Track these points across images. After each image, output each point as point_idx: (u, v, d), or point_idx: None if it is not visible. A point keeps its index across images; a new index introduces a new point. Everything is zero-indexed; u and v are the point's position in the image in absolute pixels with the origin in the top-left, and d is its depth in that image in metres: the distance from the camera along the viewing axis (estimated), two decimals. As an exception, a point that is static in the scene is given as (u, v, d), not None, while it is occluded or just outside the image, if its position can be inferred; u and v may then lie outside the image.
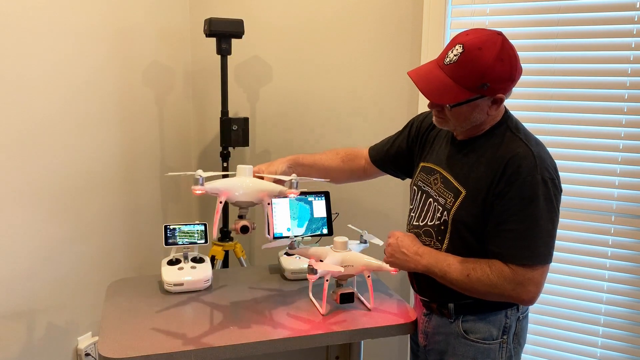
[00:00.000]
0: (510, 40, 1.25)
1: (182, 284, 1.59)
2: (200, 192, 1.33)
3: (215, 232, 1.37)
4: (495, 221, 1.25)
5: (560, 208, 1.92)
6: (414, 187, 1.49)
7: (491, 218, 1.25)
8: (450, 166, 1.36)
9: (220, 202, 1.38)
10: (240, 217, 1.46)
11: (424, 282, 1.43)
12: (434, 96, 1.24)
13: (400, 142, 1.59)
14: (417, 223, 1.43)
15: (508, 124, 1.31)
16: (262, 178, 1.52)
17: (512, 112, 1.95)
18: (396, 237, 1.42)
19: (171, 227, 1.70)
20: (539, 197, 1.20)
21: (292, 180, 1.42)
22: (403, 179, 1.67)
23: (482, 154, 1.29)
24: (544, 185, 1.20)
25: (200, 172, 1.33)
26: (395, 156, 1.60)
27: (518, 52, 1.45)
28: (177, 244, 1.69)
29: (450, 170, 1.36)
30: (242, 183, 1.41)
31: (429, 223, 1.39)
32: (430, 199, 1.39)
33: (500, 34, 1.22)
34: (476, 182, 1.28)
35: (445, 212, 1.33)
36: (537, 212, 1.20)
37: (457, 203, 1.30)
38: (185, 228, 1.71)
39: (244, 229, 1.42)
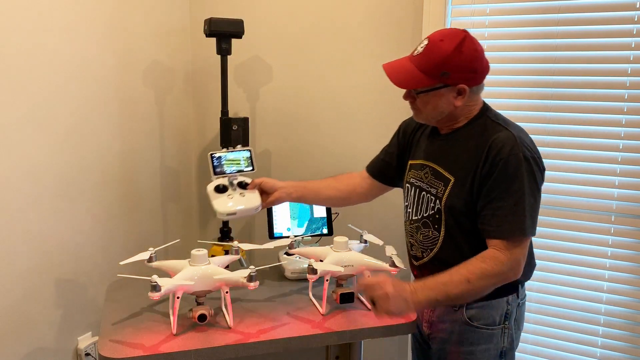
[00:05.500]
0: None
1: (234, 214, 1.54)
2: (157, 297, 1.29)
3: (174, 328, 1.36)
4: (484, 201, 1.31)
5: (561, 208, 1.94)
6: (407, 184, 1.53)
7: (480, 199, 1.32)
8: (437, 158, 1.43)
9: (178, 298, 1.35)
10: (199, 304, 1.42)
11: (432, 275, 1.43)
12: (399, 82, 1.35)
13: (392, 149, 1.63)
14: (415, 217, 1.48)
15: (487, 114, 1.39)
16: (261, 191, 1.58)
17: (512, 112, 1.97)
18: (392, 286, 1.30)
19: (217, 155, 1.62)
20: (523, 173, 1.27)
21: (251, 274, 1.36)
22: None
23: (466, 142, 1.36)
24: (526, 162, 1.28)
25: (155, 277, 1.29)
26: (390, 163, 1.62)
27: (518, 52, 1.47)
28: (225, 173, 1.61)
29: (439, 162, 1.42)
30: (197, 274, 1.37)
31: (424, 214, 1.44)
32: (423, 192, 1.45)
33: (465, 31, 1.33)
34: (463, 168, 1.35)
35: (438, 201, 1.39)
36: (522, 188, 1.27)
37: (447, 190, 1.37)
38: (230, 155, 1.63)
39: (202, 317, 1.38)
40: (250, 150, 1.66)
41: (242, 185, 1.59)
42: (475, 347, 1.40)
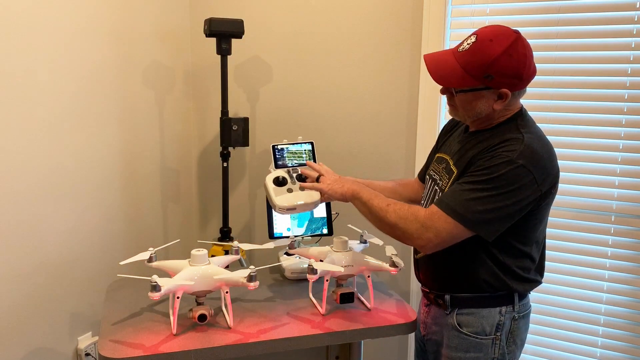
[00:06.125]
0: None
1: (295, 208, 1.52)
2: (157, 297, 1.28)
3: (174, 328, 1.36)
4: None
5: (561, 208, 1.93)
6: (427, 176, 1.54)
7: None
8: (454, 153, 1.41)
9: (178, 298, 1.34)
10: (199, 304, 1.41)
11: (425, 272, 1.46)
12: (439, 78, 1.30)
13: (434, 149, 1.62)
14: None
15: (517, 120, 1.32)
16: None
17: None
18: (331, 170, 1.53)
19: (279, 147, 1.61)
20: (501, 174, 1.21)
21: (251, 274, 1.35)
22: None
23: (482, 142, 1.32)
24: (514, 168, 1.20)
25: (155, 277, 1.28)
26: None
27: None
28: (286, 166, 1.60)
29: (453, 156, 1.40)
30: (197, 274, 1.36)
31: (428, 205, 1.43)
32: (436, 186, 1.44)
33: (516, 32, 1.25)
34: (466, 163, 1.31)
35: (440, 193, 1.38)
36: (489, 185, 1.22)
37: (449, 183, 1.35)
38: (293, 148, 1.62)
39: (202, 317, 1.37)
40: (312, 143, 1.63)
41: (302, 179, 1.56)
42: (464, 354, 1.37)
